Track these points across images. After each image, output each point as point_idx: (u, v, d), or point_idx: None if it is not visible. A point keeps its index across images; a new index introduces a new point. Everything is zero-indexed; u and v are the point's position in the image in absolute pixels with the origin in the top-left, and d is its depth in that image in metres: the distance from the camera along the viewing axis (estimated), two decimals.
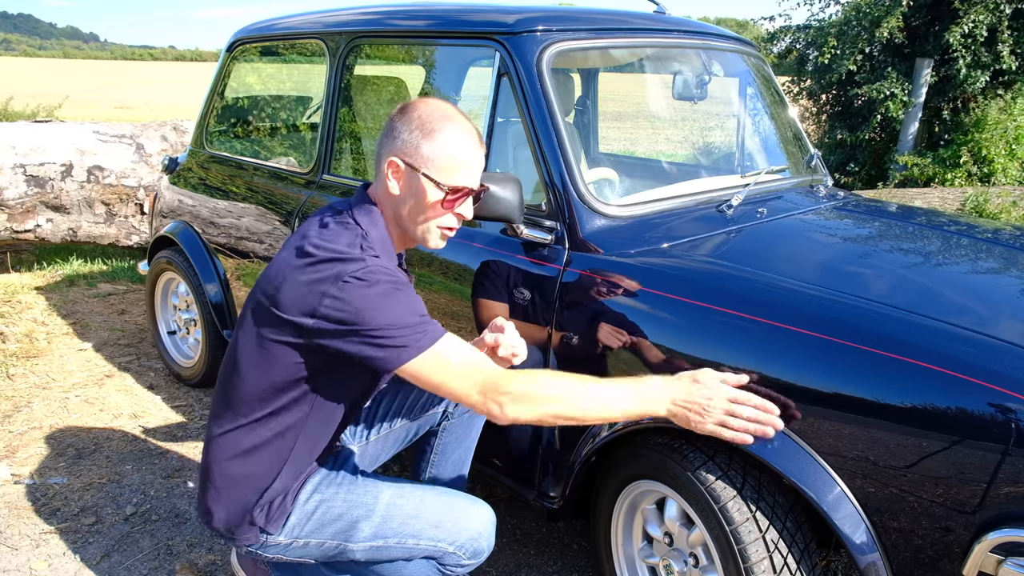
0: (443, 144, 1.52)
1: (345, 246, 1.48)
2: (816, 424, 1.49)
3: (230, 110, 3.45)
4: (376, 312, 1.43)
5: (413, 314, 1.46)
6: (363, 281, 1.43)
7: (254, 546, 1.64)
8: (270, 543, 1.63)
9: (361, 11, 2.65)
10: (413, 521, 1.61)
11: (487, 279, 2.05)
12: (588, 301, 1.85)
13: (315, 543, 1.63)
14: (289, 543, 1.63)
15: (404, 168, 1.53)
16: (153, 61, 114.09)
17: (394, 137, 1.54)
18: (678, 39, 2.48)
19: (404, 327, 1.44)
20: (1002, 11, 7.28)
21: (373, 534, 1.61)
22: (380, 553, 1.62)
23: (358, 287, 1.43)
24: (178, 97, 25.10)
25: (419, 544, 1.60)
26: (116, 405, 3.18)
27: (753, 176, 2.38)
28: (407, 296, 1.47)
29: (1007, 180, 7.16)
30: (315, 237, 1.51)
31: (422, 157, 1.52)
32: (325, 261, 1.46)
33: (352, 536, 1.61)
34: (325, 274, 1.45)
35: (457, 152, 1.53)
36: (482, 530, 1.65)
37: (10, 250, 4.99)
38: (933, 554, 1.39)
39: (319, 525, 1.62)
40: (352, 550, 1.62)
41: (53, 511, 2.44)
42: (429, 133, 1.52)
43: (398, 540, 1.60)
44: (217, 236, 3.07)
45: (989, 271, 2.01)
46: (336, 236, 1.51)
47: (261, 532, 1.62)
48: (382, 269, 1.46)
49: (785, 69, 9.61)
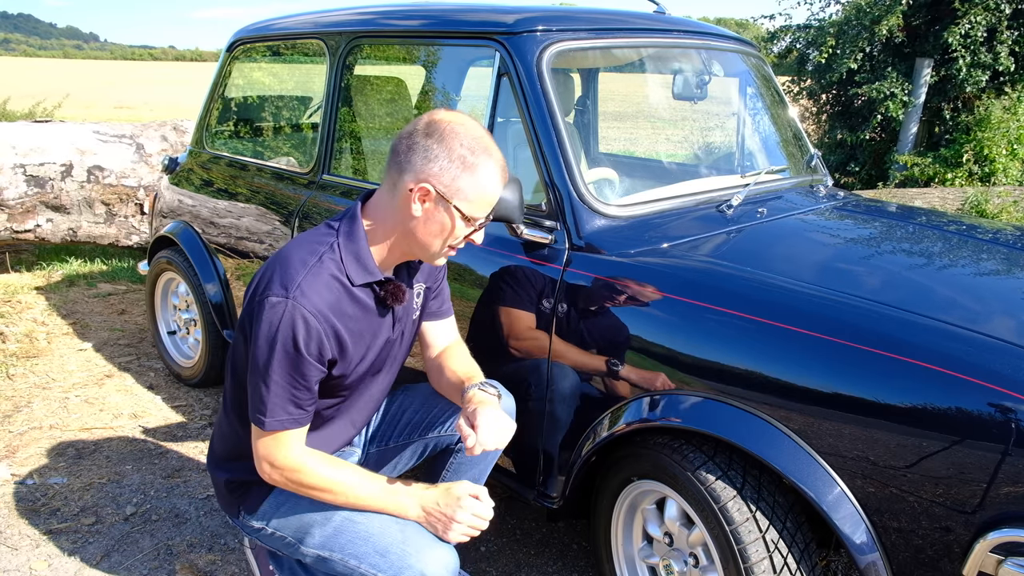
0: (481, 181, 1.49)
1: (307, 253, 1.51)
2: (816, 424, 1.49)
3: (230, 110, 3.44)
4: (262, 353, 1.47)
5: (287, 382, 1.49)
6: (272, 311, 1.45)
7: (236, 521, 1.73)
8: (246, 524, 1.70)
9: (361, 11, 2.65)
10: (360, 543, 1.58)
11: (487, 279, 2.05)
12: (588, 301, 1.85)
13: (278, 535, 1.66)
14: (260, 528, 1.68)
15: (435, 195, 1.48)
16: (153, 61, 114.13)
17: (428, 159, 1.47)
18: (678, 39, 2.48)
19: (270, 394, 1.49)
20: (1002, 11, 7.28)
21: (320, 544, 1.61)
22: (325, 565, 1.62)
23: (265, 312, 1.46)
24: (178, 97, 25.10)
25: (360, 567, 1.57)
26: (116, 405, 3.18)
27: (753, 176, 2.38)
28: (299, 355, 1.47)
29: (1008, 180, 7.15)
30: (291, 242, 1.57)
31: (458, 190, 1.48)
32: (274, 263, 1.52)
33: (304, 539, 1.63)
34: (263, 277, 1.51)
35: (492, 190, 1.51)
36: (428, 573, 1.54)
37: (10, 250, 4.99)
38: (933, 554, 1.40)
39: (284, 520, 1.65)
40: (303, 552, 1.64)
41: (53, 511, 2.44)
42: (471, 168, 1.47)
43: (341, 557, 1.59)
44: (217, 236, 3.07)
45: (989, 271, 2.01)
46: (305, 243, 1.54)
47: (240, 511, 1.69)
48: (297, 308, 1.45)
49: (785, 69, 9.61)
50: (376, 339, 1.62)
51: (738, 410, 1.58)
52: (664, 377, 1.71)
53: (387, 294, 1.59)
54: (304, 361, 1.47)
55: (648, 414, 1.71)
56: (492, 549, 2.29)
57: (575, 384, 1.88)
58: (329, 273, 1.50)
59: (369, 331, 1.59)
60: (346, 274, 1.53)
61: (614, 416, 1.78)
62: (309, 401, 1.53)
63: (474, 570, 2.20)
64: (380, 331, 1.62)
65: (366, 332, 1.59)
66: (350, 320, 1.54)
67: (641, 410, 1.73)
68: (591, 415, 1.85)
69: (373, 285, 1.57)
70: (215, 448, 1.77)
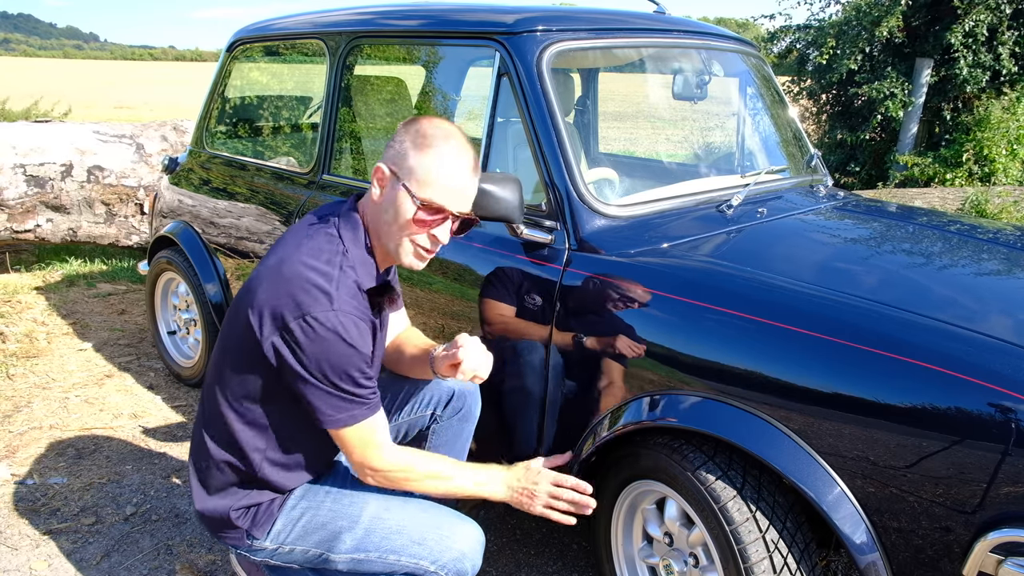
0: (430, 159, 1.50)
1: (324, 263, 1.49)
2: (816, 424, 1.49)
3: (230, 110, 3.44)
4: (326, 366, 1.46)
5: (360, 376, 1.49)
6: (323, 326, 1.44)
7: (241, 548, 1.66)
8: (256, 547, 1.65)
9: (361, 11, 2.65)
10: (395, 537, 1.59)
11: (487, 279, 2.05)
12: (588, 301, 1.85)
13: (300, 550, 1.64)
14: (275, 548, 1.64)
15: (388, 175, 1.52)
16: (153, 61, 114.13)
17: (390, 145, 1.54)
18: (678, 39, 2.48)
19: (348, 393, 1.49)
20: (1002, 11, 7.28)
21: (355, 547, 1.60)
22: (361, 566, 1.62)
23: (317, 330, 1.44)
24: (178, 97, 25.10)
25: (400, 560, 1.59)
26: (116, 405, 3.18)
27: (753, 176, 2.38)
28: (359, 352, 1.47)
29: (1008, 180, 7.16)
30: (294, 248, 1.52)
31: (407, 168, 1.50)
32: (296, 280, 1.47)
33: (334, 547, 1.61)
34: (290, 298, 1.45)
35: (441, 170, 1.50)
36: (467, 550, 1.61)
37: (10, 250, 4.99)
38: (933, 554, 1.39)
39: (304, 533, 1.63)
40: (334, 561, 1.62)
41: (53, 511, 2.44)
42: (421, 147, 1.50)
43: (379, 555, 1.59)
44: (217, 236, 3.07)
45: (989, 271, 2.01)
46: (317, 252, 1.51)
47: (247, 536, 1.63)
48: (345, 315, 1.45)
49: (785, 69, 9.61)
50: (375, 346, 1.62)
51: (738, 410, 1.58)
52: (664, 377, 1.71)
53: (386, 299, 1.59)
54: (363, 355, 1.49)
55: (648, 414, 1.71)
56: (492, 549, 2.29)
57: (575, 384, 1.88)
58: (352, 280, 1.51)
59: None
60: (358, 279, 1.53)
61: (614, 416, 1.78)
62: (375, 391, 1.54)
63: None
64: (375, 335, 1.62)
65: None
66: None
67: (641, 410, 1.72)
68: (591, 415, 1.85)
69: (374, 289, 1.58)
70: (206, 483, 1.65)
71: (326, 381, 1.46)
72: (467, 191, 1.55)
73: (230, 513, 1.62)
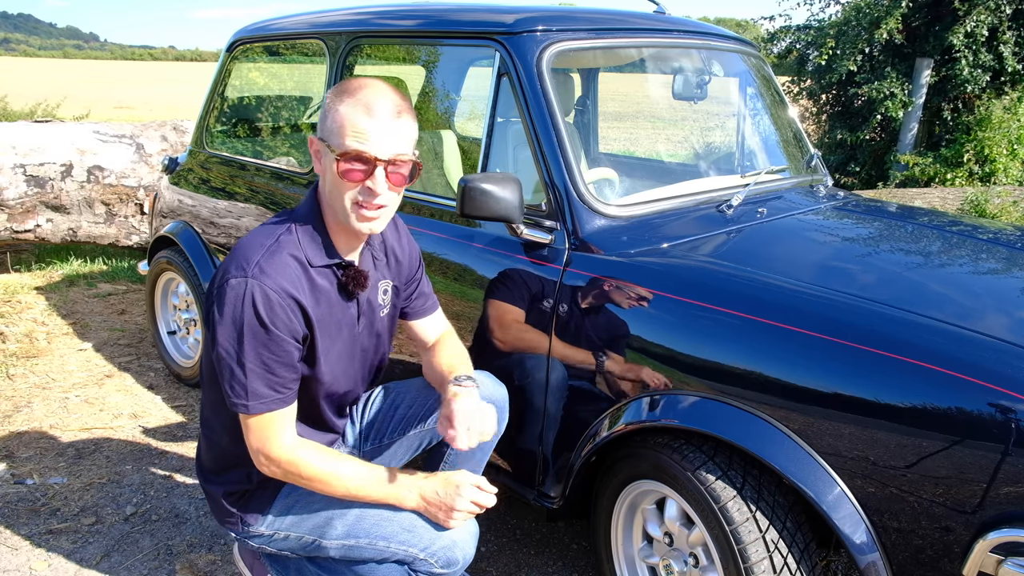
0: (343, 111, 1.45)
1: (264, 236, 1.50)
2: (816, 424, 1.49)
3: (230, 110, 3.44)
4: (235, 337, 1.45)
5: (274, 362, 1.47)
6: (233, 291, 1.43)
7: (239, 533, 1.69)
8: (252, 532, 1.67)
9: (361, 11, 2.65)
10: (386, 523, 1.59)
11: (487, 279, 2.05)
12: (588, 301, 1.85)
13: (294, 536, 1.65)
14: (271, 535, 1.66)
15: (317, 142, 1.51)
16: (153, 61, 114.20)
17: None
18: (678, 39, 2.48)
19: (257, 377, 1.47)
20: (1003, 11, 7.28)
21: (346, 532, 1.60)
22: (353, 552, 1.61)
23: (227, 294, 1.44)
24: (178, 97, 25.10)
25: (390, 547, 1.58)
26: (116, 405, 3.18)
27: (753, 176, 2.38)
28: (270, 331, 1.45)
29: (1008, 180, 7.16)
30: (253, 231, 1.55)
31: (327, 128, 1.48)
32: (234, 252, 1.50)
33: (326, 533, 1.62)
34: (223, 268, 1.48)
35: (353, 117, 1.45)
36: (458, 539, 1.59)
37: (10, 250, 4.99)
38: (933, 554, 1.39)
39: (297, 519, 1.64)
40: (326, 547, 1.63)
41: (53, 511, 2.44)
42: (337, 103, 1.47)
43: (369, 541, 1.59)
44: (217, 236, 3.07)
45: (989, 271, 2.01)
46: (265, 230, 1.52)
47: (241, 522, 1.66)
48: (258, 283, 1.44)
49: (785, 69, 9.61)
50: (341, 330, 1.61)
51: (738, 410, 1.58)
52: (664, 377, 1.71)
53: (348, 279, 1.57)
54: (274, 336, 1.45)
55: (648, 414, 1.71)
56: (492, 549, 2.29)
57: (575, 384, 1.88)
58: (287, 252, 1.49)
59: (333, 319, 1.58)
60: (304, 255, 1.51)
61: (614, 416, 1.78)
62: (290, 380, 1.51)
63: (474, 570, 2.20)
64: (344, 321, 1.61)
65: (330, 319, 1.57)
66: (313, 301, 1.52)
67: (641, 410, 1.73)
68: (591, 415, 1.85)
69: (334, 268, 1.57)
70: (203, 462, 1.74)
71: (233, 356, 1.45)
72: (388, 132, 1.46)
73: (223, 497, 1.67)
